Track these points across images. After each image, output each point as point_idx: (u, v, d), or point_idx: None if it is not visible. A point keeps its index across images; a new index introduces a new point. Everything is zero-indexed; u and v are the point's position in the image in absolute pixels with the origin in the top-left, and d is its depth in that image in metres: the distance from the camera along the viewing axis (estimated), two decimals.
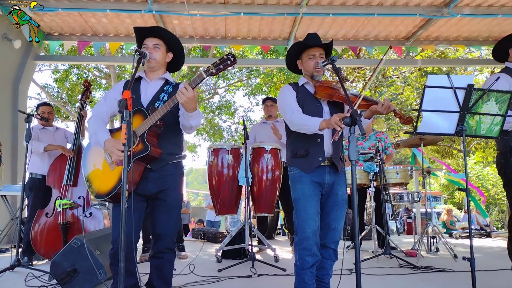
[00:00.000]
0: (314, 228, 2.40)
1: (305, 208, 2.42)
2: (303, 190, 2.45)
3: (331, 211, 2.51)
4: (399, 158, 20.51)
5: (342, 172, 2.57)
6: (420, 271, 3.73)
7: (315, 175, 2.46)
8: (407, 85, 11.90)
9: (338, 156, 2.52)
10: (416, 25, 6.57)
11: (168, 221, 2.36)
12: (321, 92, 2.53)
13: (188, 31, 6.73)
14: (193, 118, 2.21)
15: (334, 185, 2.51)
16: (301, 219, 2.42)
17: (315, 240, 2.41)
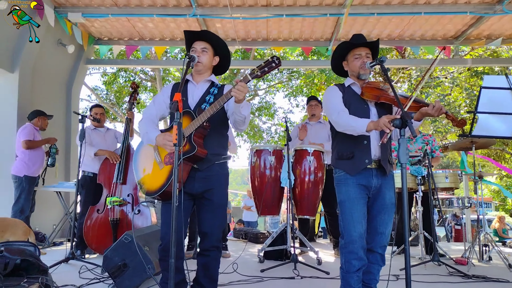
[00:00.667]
0: (360, 231, 2.36)
1: (351, 211, 2.38)
2: (348, 193, 2.41)
3: (379, 215, 2.45)
4: (446, 161, 19.67)
5: (390, 175, 2.50)
6: (472, 280, 3.56)
7: (361, 178, 2.41)
8: (456, 86, 11.40)
9: (386, 159, 2.45)
10: (465, 24, 6.31)
11: (214, 220, 2.41)
12: (368, 93, 2.46)
13: (230, 34, 6.84)
14: (244, 107, 2.25)
15: (382, 188, 2.45)
16: (347, 222, 2.39)
17: (362, 243, 2.36)
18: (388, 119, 2.14)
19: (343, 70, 2.68)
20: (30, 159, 4.91)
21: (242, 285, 3.27)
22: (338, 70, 2.72)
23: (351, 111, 2.45)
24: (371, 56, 2.55)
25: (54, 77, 6.50)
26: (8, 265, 2.44)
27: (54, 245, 5.45)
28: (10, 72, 5.45)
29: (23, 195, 4.82)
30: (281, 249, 4.28)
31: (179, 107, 2.07)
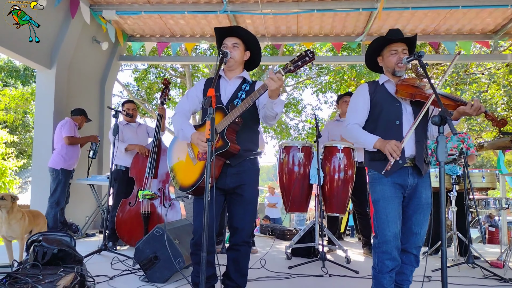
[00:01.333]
0: (395, 231, 2.31)
1: (385, 211, 2.33)
2: (383, 192, 2.36)
3: (414, 215, 2.39)
4: (480, 161, 18.96)
5: (426, 174, 2.43)
6: (509, 284, 3.42)
7: (397, 176, 2.35)
8: (493, 82, 10.94)
9: (421, 158, 2.38)
10: (506, 17, 6.04)
11: (245, 215, 2.42)
12: (402, 91, 2.38)
13: (260, 30, 6.82)
14: (277, 104, 2.24)
15: (418, 188, 2.39)
16: (381, 221, 2.34)
17: (396, 244, 2.31)
18: (397, 146, 2.17)
19: (377, 66, 2.61)
20: (67, 153, 5.10)
21: (271, 281, 3.27)
22: (372, 66, 2.65)
23: (383, 113, 2.41)
24: (407, 52, 2.47)
25: (89, 73, 6.69)
26: (46, 254, 2.54)
27: (87, 236, 5.63)
28: (48, 69, 5.65)
29: (59, 187, 5.00)
30: (309, 246, 4.26)
31: (212, 102, 2.09)
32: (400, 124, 2.38)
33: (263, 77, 13.44)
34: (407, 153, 2.36)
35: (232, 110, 2.30)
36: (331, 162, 4.36)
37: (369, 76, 11.29)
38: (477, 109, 2.17)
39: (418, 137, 2.38)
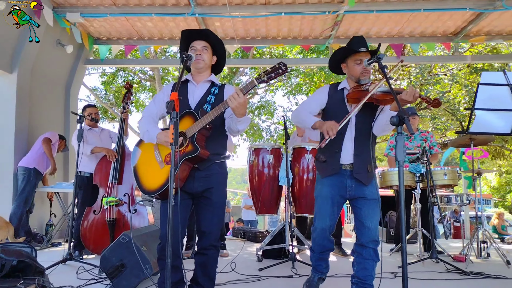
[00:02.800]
0: (323, 226, 2.62)
1: (319, 207, 2.65)
2: (321, 191, 2.65)
3: (362, 209, 2.57)
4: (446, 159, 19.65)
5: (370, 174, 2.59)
6: (470, 277, 3.56)
7: (335, 178, 2.58)
8: (455, 83, 11.37)
9: (362, 170, 2.53)
10: (465, 20, 6.28)
11: (212, 219, 2.42)
12: (350, 98, 2.55)
13: (229, 32, 6.82)
14: (241, 123, 2.30)
15: (359, 186, 2.56)
16: (316, 215, 2.69)
17: (325, 235, 2.66)
18: (334, 126, 2.37)
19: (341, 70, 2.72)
20: (43, 155, 5.10)
21: (240, 284, 3.27)
22: (337, 71, 2.77)
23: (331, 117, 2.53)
24: None
25: (53, 78, 6.48)
26: (4, 267, 2.43)
27: (53, 245, 5.45)
28: (8, 73, 5.44)
29: (28, 187, 4.96)
30: (280, 247, 4.28)
31: (175, 106, 2.07)
32: (343, 135, 2.55)
33: (233, 80, 13.44)
34: (344, 161, 2.56)
35: (203, 116, 2.29)
36: (300, 163, 4.42)
37: (337, 78, 11.48)
38: (411, 94, 2.31)
39: (357, 150, 2.54)
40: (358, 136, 2.54)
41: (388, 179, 4.59)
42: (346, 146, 2.54)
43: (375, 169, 2.62)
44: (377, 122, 2.55)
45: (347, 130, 2.55)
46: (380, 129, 2.56)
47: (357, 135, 2.54)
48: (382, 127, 2.52)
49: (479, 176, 4.51)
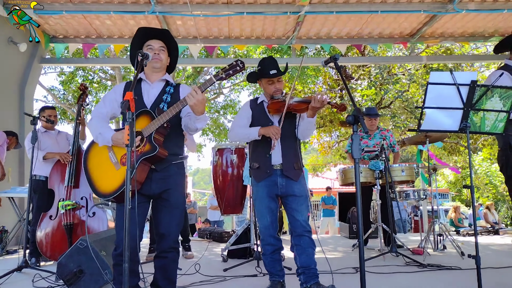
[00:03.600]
0: (265, 224, 2.82)
1: (258, 208, 2.86)
2: (257, 193, 2.87)
3: (292, 205, 2.82)
4: (405, 155, 20.38)
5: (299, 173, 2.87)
6: (427, 269, 3.71)
7: (268, 179, 2.82)
8: (413, 82, 11.82)
9: (290, 168, 2.81)
10: (420, 22, 6.53)
11: (171, 220, 2.38)
12: (271, 109, 2.85)
13: (191, 31, 6.75)
14: (200, 121, 2.30)
15: (290, 184, 2.81)
16: (257, 216, 2.90)
17: (269, 232, 2.83)
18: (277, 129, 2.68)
19: None
20: None
21: (204, 285, 3.24)
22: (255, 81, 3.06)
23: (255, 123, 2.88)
24: (282, 80, 2.90)
25: (5, 77, 6.16)
26: None
27: (8, 253, 5.19)
28: None
29: None
30: (245, 247, 4.28)
31: (130, 106, 2.02)
32: (271, 141, 2.77)
33: (198, 79, 13.32)
34: (275, 163, 2.82)
35: (160, 115, 2.25)
36: None
37: (301, 78, 11.64)
38: (320, 101, 2.52)
39: (285, 151, 2.82)
40: (283, 139, 2.79)
41: (349, 177, 4.70)
42: (275, 150, 2.78)
43: (302, 167, 2.92)
44: (299, 128, 2.86)
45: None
46: (303, 134, 2.87)
47: (283, 138, 2.78)
48: (304, 132, 2.85)
49: (435, 171, 4.71)
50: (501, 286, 2.88)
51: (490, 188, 19.53)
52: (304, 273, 2.73)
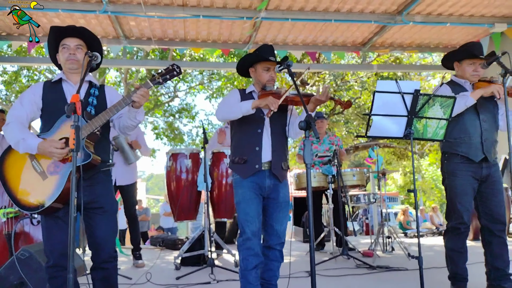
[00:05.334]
0: (254, 229, 2.49)
1: (245, 211, 2.51)
2: (244, 195, 2.54)
3: (274, 213, 2.59)
4: (358, 160, 21.10)
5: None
6: (376, 270, 3.83)
7: (255, 179, 2.54)
8: (364, 89, 12.29)
9: (278, 166, 2.58)
10: (371, 32, 6.78)
11: (107, 228, 2.27)
12: None
13: (145, 33, 6.59)
14: (139, 113, 2.24)
15: (275, 188, 2.59)
16: (243, 221, 2.51)
17: (257, 241, 2.49)
18: (275, 101, 2.38)
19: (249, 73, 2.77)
20: None
21: None
22: (244, 73, 2.80)
23: (247, 121, 2.56)
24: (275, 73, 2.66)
25: None
26: None
27: None
28: None
29: None
30: (199, 254, 4.21)
31: (76, 109, 1.93)
32: (261, 133, 2.58)
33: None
34: (264, 159, 2.55)
35: (92, 119, 2.14)
36: (219, 168, 4.42)
37: None
38: (325, 94, 2.44)
39: (274, 146, 2.59)
40: (273, 134, 2.59)
41: (303, 181, 4.78)
42: (265, 143, 2.57)
43: (288, 169, 2.70)
44: (291, 126, 2.66)
45: (264, 130, 2.59)
46: (295, 132, 2.66)
47: (273, 133, 2.59)
48: (297, 129, 2.59)
49: (384, 176, 4.90)
50: (443, 284, 3.03)
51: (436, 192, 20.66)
52: (262, 285, 2.58)
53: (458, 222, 2.84)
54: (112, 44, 6.74)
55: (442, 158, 2.94)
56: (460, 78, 2.93)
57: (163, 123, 15.74)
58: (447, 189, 2.93)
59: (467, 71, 2.86)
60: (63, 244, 2.09)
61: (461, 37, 6.93)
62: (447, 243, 2.94)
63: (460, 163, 2.82)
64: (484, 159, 2.80)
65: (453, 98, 2.58)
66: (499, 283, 2.82)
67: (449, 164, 2.87)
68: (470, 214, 2.85)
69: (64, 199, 2.12)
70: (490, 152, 2.81)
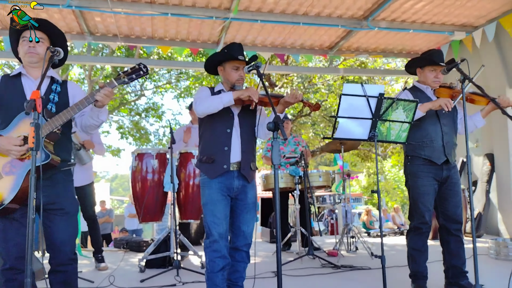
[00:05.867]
0: (221, 231, 2.45)
1: (213, 212, 2.47)
2: (211, 196, 2.50)
3: (241, 214, 2.58)
4: (324, 161, 21.48)
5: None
6: (340, 270, 3.91)
7: (224, 180, 2.50)
8: (331, 92, 12.53)
9: (247, 167, 2.57)
10: (338, 36, 6.93)
11: (66, 230, 2.19)
12: None
13: (111, 29, 6.41)
14: (103, 112, 2.16)
15: (243, 189, 2.57)
16: (210, 222, 2.47)
17: (224, 243, 2.47)
18: (256, 91, 2.41)
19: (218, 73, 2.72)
20: None
21: None
22: (211, 70, 2.75)
23: (216, 121, 2.53)
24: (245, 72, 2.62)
25: None
26: None
27: None
28: None
29: None
30: (164, 256, 4.14)
31: (36, 106, 1.85)
32: (230, 132, 2.55)
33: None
34: (233, 160, 2.52)
35: (52, 118, 2.05)
36: (186, 169, 4.37)
37: None
38: (294, 96, 2.46)
39: (244, 146, 2.56)
40: (243, 134, 2.57)
41: (271, 182, 4.81)
42: (234, 143, 2.53)
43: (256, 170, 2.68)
44: (261, 127, 2.63)
45: (233, 130, 2.56)
46: (264, 132, 2.62)
47: (242, 133, 2.57)
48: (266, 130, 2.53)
49: (349, 177, 5.01)
50: (404, 282, 3.14)
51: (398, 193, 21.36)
52: (229, 287, 2.58)
53: (420, 221, 2.95)
54: (76, 39, 6.52)
55: (405, 161, 3.05)
56: (422, 84, 3.05)
57: (129, 122, 15.38)
58: (409, 190, 3.03)
59: (428, 77, 2.98)
60: (20, 247, 2.00)
61: (423, 44, 7.21)
62: (409, 242, 3.05)
63: (422, 165, 2.94)
64: (445, 161, 2.93)
65: (415, 102, 2.68)
66: (456, 281, 2.95)
67: (412, 166, 2.97)
68: (431, 214, 2.97)
69: (20, 199, 2.04)
70: (451, 155, 2.95)
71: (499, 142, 6.31)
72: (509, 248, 4.19)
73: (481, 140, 6.64)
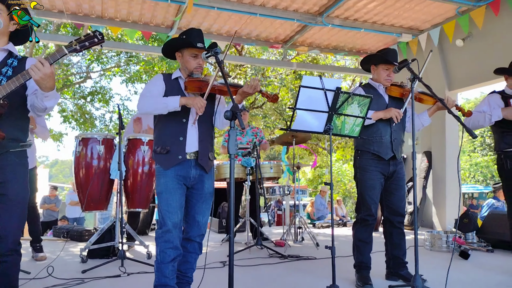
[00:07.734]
0: (176, 221, 2.40)
1: (167, 201, 2.41)
2: (166, 184, 2.43)
3: (197, 204, 2.53)
4: (273, 154, 21.78)
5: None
6: (287, 260, 3.99)
7: (180, 169, 2.44)
8: (283, 86, 12.67)
9: (205, 157, 2.52)
10: (293, 30, 7.00)
11: (11, 218, 2.02)
12: (190, 86, 2.51)
13: (57, 4, 5.98)
14: (49, 98, 1.98)
15: (200, 178, 2.52)
16: (164, 212, 2.41)
17: (177, 233, 2.41)
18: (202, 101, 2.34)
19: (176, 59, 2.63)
20: None
21: None
22: (169, 55, 2.66)
23: None
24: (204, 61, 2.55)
25: None
26: None
27: None
28: None
29: None
30: (108, 246, 3.98)
31: None
32: (186, 122, 2.48)
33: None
34: (190, 149, 2.46)
35: None
36: (135, 155, 4.21)
37: None
38: (253, 87, 2.44)
39: (201, 136, 2.51)
40: (200, 124, 2.50)
41: (222, 172, 4.77)
42: (190, 133, 2.47)
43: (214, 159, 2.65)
44: (218, 115, 2.60)
45: (189, 118, 2.49)
46: (222, 122, 2.60)
47: (200, 123, 2.50)
48: (224, 120, 2.56)
49: (298, 169, 5.10)
50: (348, 272, 3.26)
51: (341, 185, 22.19)
52: (178, 278, 2.51)
53: (366, 214, 3.08)
54: None
55: (355, 155, 3.16)
56: (375, 82, 3.16)
57: (73, 106, 14.54)
58: (358, 183, 3.14)
59: (381, 75, 3.09)
60: None
61: (372, 44, 7.49)
62: (356, 233, 3.16)
63: (370, 159, 3.05)
64: (392, 157, 3.06)
65: (369, 97, 2.76)
66: (397, 271, 3.12)
67: (361, 160, 3.09)
68: (377, 207, 3.10)
69: None
70: (398, 151, 3.09)
71: (437, 141, 6.76)
72: (443, 240, 4.50)
73: (420, 138, 7.07)
